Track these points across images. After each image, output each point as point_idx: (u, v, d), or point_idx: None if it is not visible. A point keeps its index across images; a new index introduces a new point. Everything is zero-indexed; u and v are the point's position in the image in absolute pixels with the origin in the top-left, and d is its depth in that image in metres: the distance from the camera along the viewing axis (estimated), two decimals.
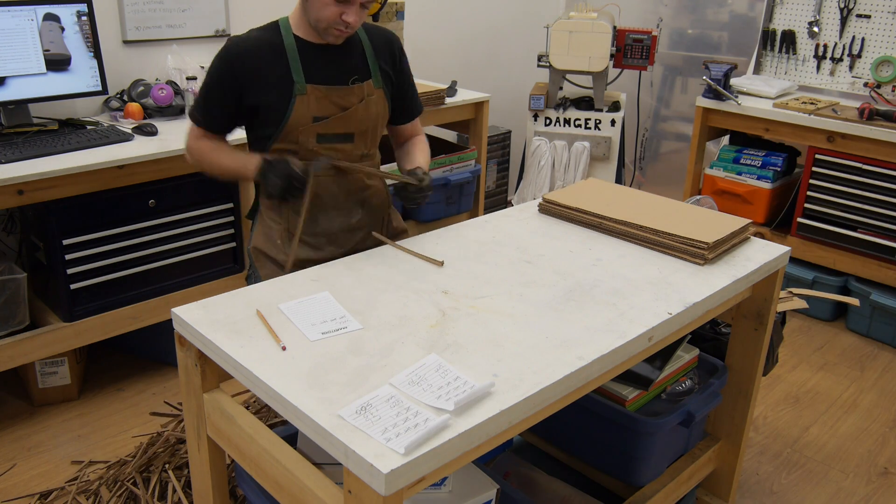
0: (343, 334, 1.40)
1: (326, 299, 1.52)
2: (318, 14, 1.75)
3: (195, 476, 1.64)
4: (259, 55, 1.79)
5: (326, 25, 1.76)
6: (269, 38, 1.82)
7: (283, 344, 1.36)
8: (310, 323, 1.43)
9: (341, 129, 1.87)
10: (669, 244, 1.81)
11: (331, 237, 1.94)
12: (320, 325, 1.42)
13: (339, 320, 1.44)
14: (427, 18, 3.90)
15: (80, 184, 2.34)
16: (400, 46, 2.00)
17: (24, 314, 2.45)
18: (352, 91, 1.86)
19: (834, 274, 3.34)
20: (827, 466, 2.46)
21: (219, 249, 2.78)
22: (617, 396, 1.80)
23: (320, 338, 1.38)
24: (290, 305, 1.49)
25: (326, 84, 1.83)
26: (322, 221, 1.92)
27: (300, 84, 1.80)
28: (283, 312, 1.47)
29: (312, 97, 1.81)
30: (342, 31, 1.78)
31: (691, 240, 1.77)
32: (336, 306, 1.50)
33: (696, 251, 1.76)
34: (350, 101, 1.86)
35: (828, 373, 3.00)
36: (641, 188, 4.62)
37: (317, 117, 1.83)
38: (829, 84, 3.65)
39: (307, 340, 1.38)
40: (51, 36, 2.53)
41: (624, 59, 3.65)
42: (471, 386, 1.23)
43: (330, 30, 1.78)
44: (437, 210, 3.38)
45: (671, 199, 2.07)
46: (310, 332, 1.40)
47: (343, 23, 1.75)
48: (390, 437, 1.11)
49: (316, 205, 1.90)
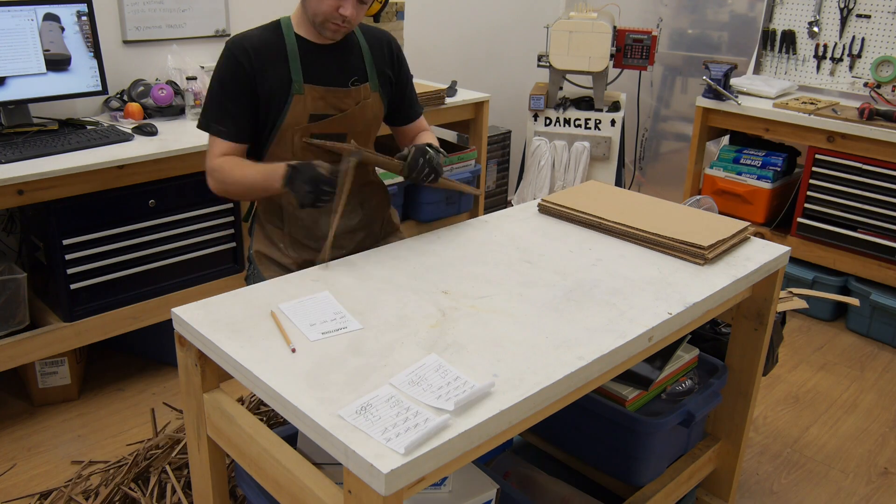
0: (343, 334, 1.40)
1: (327, 299, 1.52)
2: (316, 8, 1.74)
3: (195, 476, 1.64)
4: (261, 53, 1.78)
5: (323, 19, 1.75)
6: (271, 37, 1.81)
7: (294, 346, 1.35)
8: (309, 323, 1.43)
9: (336, 129, 1.87)
10: (668, 246, 1.81)
11: (333, 240, 1.94)
12: (320, 325, 1.42)
13: (340, 320, 1.44)
14: (427, 18, 3.90)
15: (80, 184, 2.34)
16: (398, 47, 2.00)
17: (24, 314, 2.45)
18: (349, 93, 1.86)
19: (834, 274, 3.34)
20: (827, 466, 2.46)
21: (219, 249, 2.78)
22: (617, 396, 1.80)
23: (320, 338, 1.38)
24: (291, 305, 1.49)
25: (325, 84, 1.83)
26: (323, 224, 1.92)
27: (298, 83, 1.80)
28: (284, 312, 1.47)
29: (309, 97, 1.81)
30: (339, 25, 1.76)
31: (689, 243, 1.77)
32: (336, 306, 1.50)
33: (695, 254, 1.76)
34: (347, 104, 1.86)
35: (828, 373, 3.00)
36: (641, 188, 4.62)
37: (313, 115, 1.82)
38: (829, 84, 3.65)
39: (307, 340, 1.38)
40: (51, 36, 2.53)
41: (624, 59, 3.65)
42: (471, 386, 1.23)
43: (327, 24, 1.76)
44: (437, 210, 3.38)
45: (670, 202, 2.07)
46: (310, 332, 1.40)
47: (340, 16, 1.74)
48: (390, 437, 1.11)
49: (318, 210, 1.90)
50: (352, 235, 1.97)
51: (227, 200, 2.73)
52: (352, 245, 1.97)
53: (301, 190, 1.66)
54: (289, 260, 1.93)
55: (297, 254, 1.94)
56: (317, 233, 1.92)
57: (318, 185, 1.65)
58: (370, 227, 2.02)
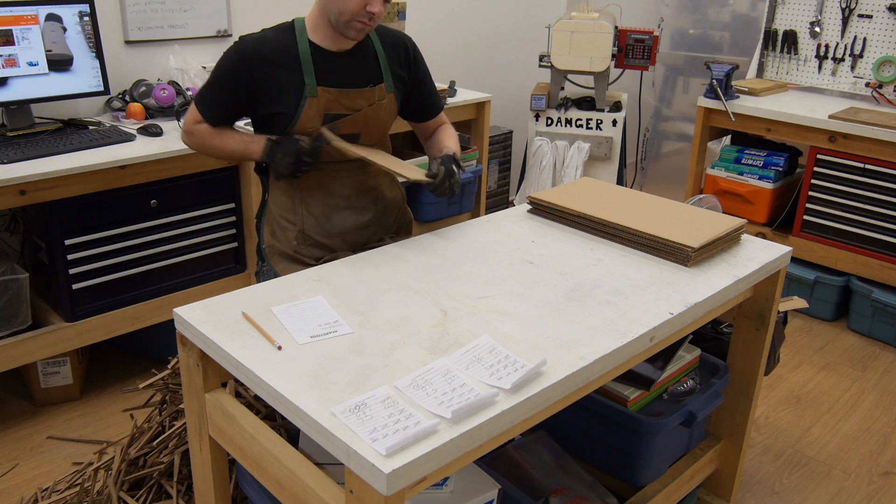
0: (333, 338, 1.39)
1: (320, 303, 1.51)
2: (342, 6, 1.71)
3: (197, 476, 1.64)
4: (273, 60, 1.77)
5: (349, 18, 1.73)
6: (284, 42, 1.79)
7: (279, 343, 1.36)
8: (300, 326, 1.42)
9: (349, 129, 1.87)
10: (655, 247, 1.80)
11: (345, 236, 1.94)
12: (310, 329, 1.41)
13: (332, 324, 1.43)
14: (429, 19, 3.90)
15: (83, 184, 2.34)
16: (414, 48, 2.00)
17: (27, 314, 2.45)
18: (362, 94, 1.85)
19: (836, 274, 3.34)
20: (828, 466, 2.46)
21: (221, 249, 2.78)
22: (618, 396, 1.80)
23: (309, 341, 1.38)
24: (282, 309, 1.49)
25: (339, 87, 1.83)
26: (336, 221, 1.92)
27: (311, 86, 1.79)
28: (275, 315, 1.46)
29: (323, 99, 1.81)
30: (365, 23, 1.75)
31: (677, 244, 1.75)
32: (329, 309, 1.49)
33: (682, 256, 1.75)
34: (360, 104, 1.86)
35: (829, 373, 3.00)
36: (643, 188, 4.62)
37: (327, 115, 1.82)
38: (831, 84, 3.65)
39: (296, 344, 1.37)
40: (53, 36, 2.53)
41: (625, 60, 3.65)
42: (475, 394, 1.22)
43: (352, 23, 1.74)
44: (439, 210, 3.38)
45: (664, 199, 2.05)
46: (299, 335, 1.39)
47: (367, 14, 1.72)
48: (377, 437, 1.11)
49: (329, 205, 1.90)
50: (364, 231, 1.98)
51: (230, 201, 2.73)
52: (363, 240, 1.97)
53: (282, 161, 1.76)
54: (301, 255, 1.94)
55: (308, 250, 1.94)
56: (329, 229, 1.93)
57: (299, 157, 1.75)
58: (382, 220, 2.02)
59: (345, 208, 1.93)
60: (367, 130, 1.90)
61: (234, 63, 1.78)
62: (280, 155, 1.75)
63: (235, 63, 1.78)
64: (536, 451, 1.93)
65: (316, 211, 1.92)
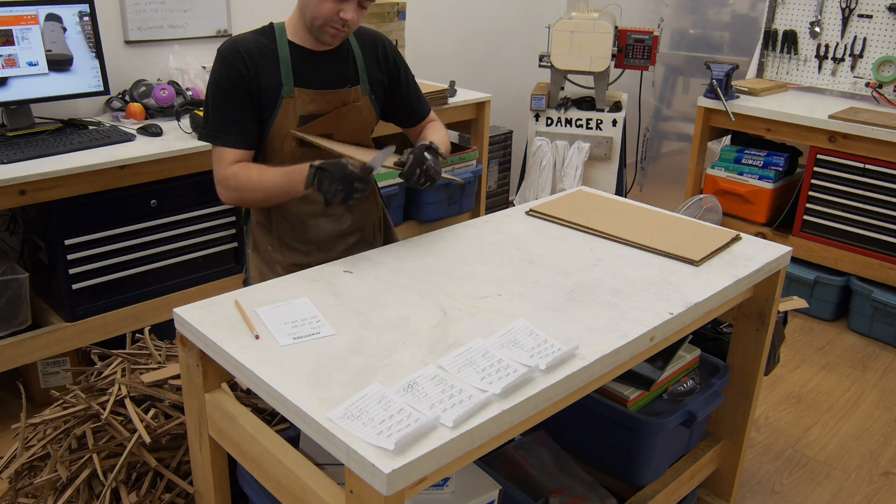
0: (316, 339, 1.38)
1: (304, 304, 1.50)
2: (315, 11, 1.70)
3: (197, 476, 1.64)
4: (254, 57, 1.75)
5: (323, 23, 1.71)
6: (264, 43, 1.77)
7: (257, 333, 1.37)
8: (281, 327, 1.41)
9: (321, 130, 1.84)
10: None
11: (320, 244, 1.92)
12: (293, 330, 1.40)
13: (314, 324, 1.43)
14: (428, 19, 3.90)
15: (82, 184, 2.34)
16: (392, 49, 1.95)
17: (26, 314, 2.45)
18: (337, 95, 1.83)
19: (836, 274, 3.34)
20: (828, 467, 2.46)
21: (220, 250, 2.78)
22: (618, 396, 1.80)
23: (291, 343, 1.37)
24: (265, 310, 1.48)
25: (316, 88, 1.80)
26: (311, 229, 1.90)
27: (288, 87, 1.77)
28: (259, 316, 1.45)
29: (300, 100, 1.78)
30: (339, 29, 1.73)
31: (680, 257, 1.78)
32: (313, 311, 1.48)
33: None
34: (334, 104, 1.84)
35: (829, 373, 3.00)
36: (643, 188, 4.62)
37: (303, 117, 1.80)
38: (831, 84, 3.65)
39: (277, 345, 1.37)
40: (53, 36, 2.53)
41: (625, 60, 3.65)
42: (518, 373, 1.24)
43: (326, 28, 1.72)
44: (439, 210, 3.38)
45: (660, 210, 2.07)
46: (281, 337, 1.39)
47: (340, 20, 1.70)
48: (380, 432, 1.11)
49: (305, 212, 1.88)
50: (343, 240, 1.96)
51: None
52: (342, 248, 1.95)
53: (331, 189, 1.60)
54: (277, 263, 1.91)
55: (284, 257, 1.91)
56: (305, 235, 1.91)
57: (350, 183, 1.61)
58: (362, 231, 2.00)
59: (320, 215, 1.89)
60: (339, 131, 1.86)
61: (224, 69, 1.73)
62: (327, 182, 1.60)
63: (226, 68, 1.73)
64: (536, 451, 1.93)
65: (291, 217, 1.88)
